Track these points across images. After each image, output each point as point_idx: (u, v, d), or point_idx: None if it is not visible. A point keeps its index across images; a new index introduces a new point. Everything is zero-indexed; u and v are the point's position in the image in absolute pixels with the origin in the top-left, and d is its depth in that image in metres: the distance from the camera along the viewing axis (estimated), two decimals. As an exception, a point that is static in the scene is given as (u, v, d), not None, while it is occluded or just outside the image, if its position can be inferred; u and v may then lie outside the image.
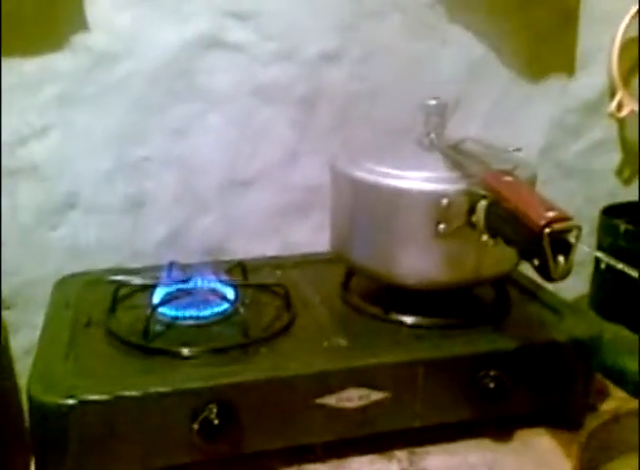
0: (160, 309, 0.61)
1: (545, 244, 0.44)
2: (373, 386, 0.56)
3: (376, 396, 0.56)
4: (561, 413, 0.63)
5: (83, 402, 0.50)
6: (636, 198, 0.98)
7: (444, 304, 0.66)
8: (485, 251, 0.60)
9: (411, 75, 0.88)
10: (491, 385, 0.57)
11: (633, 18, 0.91)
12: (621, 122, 0.99)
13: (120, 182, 0.81)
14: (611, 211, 0.90)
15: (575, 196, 0.99)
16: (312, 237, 0.89)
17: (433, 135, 0.65)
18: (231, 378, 0.53)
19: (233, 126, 0.83)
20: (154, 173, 0.82)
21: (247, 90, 0.82)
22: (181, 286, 0.65)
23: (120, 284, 0.66)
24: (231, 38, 0.80)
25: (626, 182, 1.04)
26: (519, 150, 0.59)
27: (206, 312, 0.62)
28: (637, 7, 0.90)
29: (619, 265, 0.48)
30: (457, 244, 0.59)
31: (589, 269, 0.93)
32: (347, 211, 0.66)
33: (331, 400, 0.55)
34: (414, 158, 0.64)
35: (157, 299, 0.64)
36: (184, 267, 0.69)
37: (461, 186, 0.57)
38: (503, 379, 0.58)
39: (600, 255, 0.61)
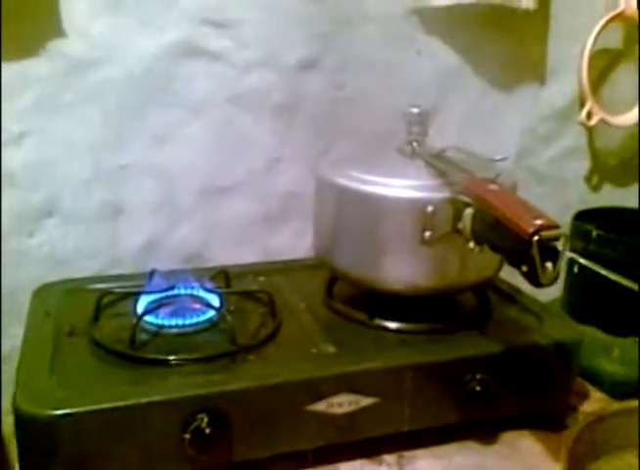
0: (146, 318, 0.61)
1: (534, 251, 0.45)
2: (362, 391, 0.56)
3: (365, 401, 0.57)
4: (543, 415, 0.64)
5: (72, 415, 0.49)
6: (606, 203, 1.00)
7: (427, 309, 0.67)
8: (469, 257, 0.61)
9: (387, 84, 0.89)
10: (478, 388, 0.58)
11: (601, 30, 0.94)
12: (590, 131, 1.02)
13: (99, 190, 0.80)
14: (582, 217, 0.92)
15: (547, 202, 1.00)
16: (292, 243, 0.90)
17: (415, 144, 0.66)
18: (221, 386, 0.53)
19: (212, 134, 0.83)
20: (132, 181, 0.81)
21: (225, 98, 0.82)
22: (165, 294, 0.65)
23: (104, 292, 0.65)
24: (209, 46, 0.80)
25: (595, 188, 1.07)
26: (504, 159, 0.60)
27: (192, 320, 0.62)
28: (605, 20, 0.93)
29: (603, 271, 0.49)
30: (442, 250, 0.60)
31: (562, 273, 0.95)
32: (332, 217, 0.67)
33: (321, 407, 0.55)
34: (398, 166, 0.65)
35: (141, 307, 0.63)
36: (166, 275, 0.69)
37: (446, 194, 0.58)
38: (489, 382, 0.59)
39: (585, 262, 0.62)
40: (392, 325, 0.64)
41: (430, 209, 0.58)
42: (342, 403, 0.56)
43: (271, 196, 0.88)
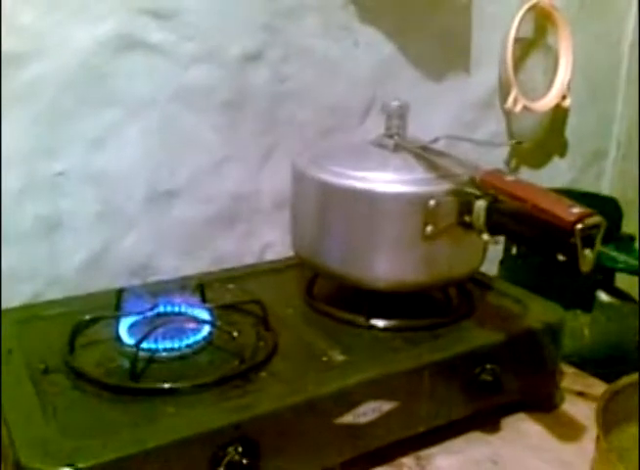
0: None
1: (577, 239, 0.46)
2: (385, 397, 0.54)
3: (387, 406, 0.55)
4: (536, 396, 0.66)
5: (92, 468, 0.43)
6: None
7: (413, 304, 0.66)
8: (460, 249, 0.61)
9: (328, 76, 0.87)
10: (489, 378, 0.58)
11: (522, 19, 0.97)
12: (508, 117, 1.06)
13: (32, 202, 0.71)
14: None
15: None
16: (241, 247, 0.85)
17: (396, 137, 0.64)
18: (251, 411, 0.49)
19: (154, 134, 0.76)
20: (70, 190, 0.73)
21: (168, 95, 0.76)
22: (148, 315, 0.58)
23: (79, 320, 0.57)
24: (149, 39, 0.73)
25: (513, 171, 1.11)
26: (520, 143, 0.60)
27: (189, 341, 0.56)
28: (525, 9, 0.97)
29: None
30: (442, 245, 0.60)
31: (499, 254, 0.99)
32: (315, 215, 0.64)
33: (349, 418, 0.52)
34: (383, 160, 0.63)
35: (124, 331, 0.56)
36: (136, 293, 0.62)
37: (448, 186, 0.58)
38: (498, 371, 0.59)
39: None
40: (390, 324, 0.63)
41: (432, 202, 0.57)
42: (366, 412, 0.53)
43: (218, 198, 0.83)
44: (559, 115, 1.11)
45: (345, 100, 0.89)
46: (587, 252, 0.47)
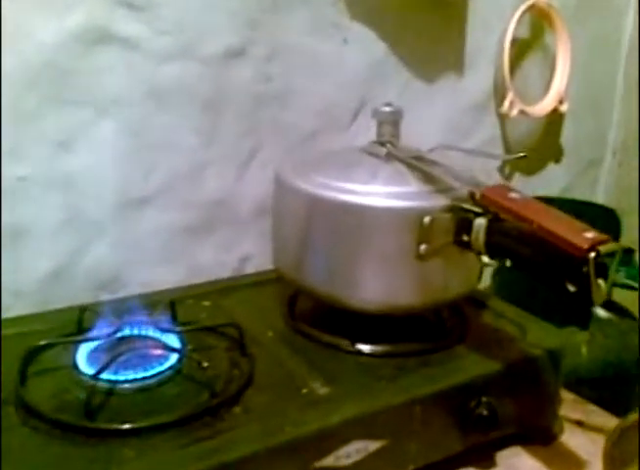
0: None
1: (590, 269, 0.41)
2: (371, 435, 0.49)
3: (373, 445, 0.49)
4: (533, 427, 0.61)
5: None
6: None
7: (402, 326, 0.61)
8: (456, 269, 0.56)
9: (315, 76, 0.81)
10: (485, 413, 0.53)
11: (519, 20, 0.93)
12: (503, 122, 1.01)
13: (-9, 209, 0.65)
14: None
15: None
16: (220, 258, 0.80)
17: (389, 145, 0.59)
18: (221, 456, 0.43)
19: (127, 136, 0.71)
20: (34, 196, 0.67)
21: (141, 93, 0.70)
22: (110, 339, 0.53)
23: (32, 347, 0.51)
24: (122, 32, 0.68)
25: (507, 178, 1.07)
26: (523, 157, 0.55)
27: (154, 371, 0.50)
28: (522, 9, 0.92)
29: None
30: (436, 265, 0.54)
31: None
32: (298, 229, 0.59)
33: (330, 460, 0.47)
34: (374, 170, 0.58)
35: (82, 357, 0.51)
36: (102, 312, 0.57)
37: (444, 202, 0.52)
38: (494, 404, 0.54)
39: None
40: (378, 349, 0.58)
41: (427, 219, 0.52)
42: (350, 453, 0.48)
43: (195, 205, 0.77)
44: (555, 119, 1.06)
45: (333, 102, 0.84)
46: (600, 282, 0.42)
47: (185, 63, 0.72)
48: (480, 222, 0.49)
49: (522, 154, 0.55)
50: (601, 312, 0.89)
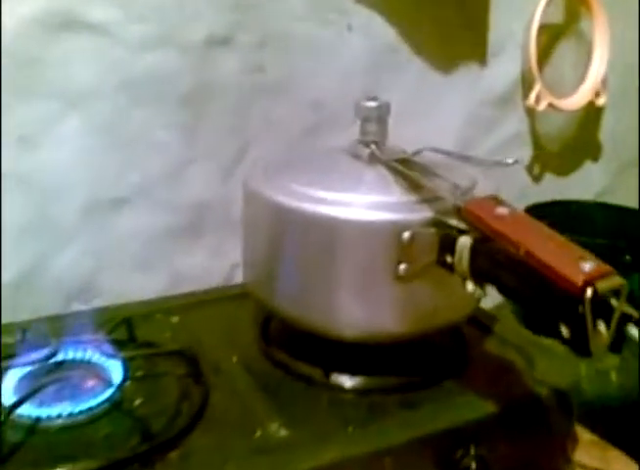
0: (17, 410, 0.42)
1: (586, 310, 0.32)
2: (331, 490, 0.42)
3: (334, 502, 0.42)
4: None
5: None
6: (548, 195, 0.91)
7: (387, 356, 0.53)
8: (449, 293, 0.48)
9: (313, 66, 0.74)
10: (473, 466, 0.45)
11: (547, 4, 0.83)
12: (532, 116, 0.91)
13: (-55, 212, 0.60)
14: (533, 211, 0.81)
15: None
16: (205, 266, 0.74)
17: (373, 146, 0.51)
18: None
19: (98, 132, 0.65)
20: (-6, 197, 0.61)
21: (114, 85, 0.64)
22: (43, 364, 0.46)
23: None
24: (91, 17, 0.62)
25: (536, 179, 0.98)
26: (515, 163, 0.47)
27: (84, 406, 0.44)
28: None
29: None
30: (421, 286, 0.46)
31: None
32: (267, 244, 0.51)
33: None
34: (354, 176, 0.50)
35: (8, 386, 0.45)
36: (41, 330, 0.50)
37: (427, 215, 0.44)
38: (486, 457, 0.46)
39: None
40: (353, 382, 0.50)
41: (406, 235, 0.44)
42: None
43: (178, 207, 0.71)
44: (592, 114, 0.96)
45: (334, 94, 0.76)
46: (601, 326, 0.33)
47: (163, 52, 0.66)
48: (465, 242, 0.40)
49: (511, 160, 0.45)
50: (635, 332, 0.79)
